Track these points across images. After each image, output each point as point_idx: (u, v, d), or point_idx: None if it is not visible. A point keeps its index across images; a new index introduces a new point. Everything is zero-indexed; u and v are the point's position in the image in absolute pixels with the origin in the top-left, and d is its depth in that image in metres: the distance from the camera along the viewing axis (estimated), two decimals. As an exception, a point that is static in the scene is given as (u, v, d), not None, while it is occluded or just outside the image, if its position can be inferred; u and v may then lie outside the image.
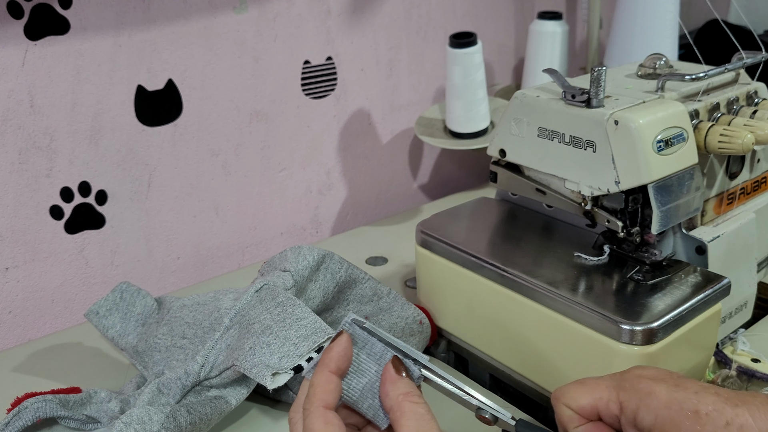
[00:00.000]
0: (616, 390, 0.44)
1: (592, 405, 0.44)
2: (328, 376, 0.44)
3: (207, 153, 0.89)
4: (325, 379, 0.44)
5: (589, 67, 1.18)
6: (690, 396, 0.41)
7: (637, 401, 0.42)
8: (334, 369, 0.44)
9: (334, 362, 0.44)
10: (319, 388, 0.43)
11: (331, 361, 0.44)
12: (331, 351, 0.45)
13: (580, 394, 0.44)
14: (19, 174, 0.76)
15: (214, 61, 0.86)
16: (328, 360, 0.44)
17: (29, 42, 0.73)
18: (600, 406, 0.44)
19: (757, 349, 0.66)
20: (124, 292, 0.69)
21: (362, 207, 1.09)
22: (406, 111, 1.08)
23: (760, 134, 0.60)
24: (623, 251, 0.62)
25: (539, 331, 0.59)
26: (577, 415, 0.45)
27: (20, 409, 0.56)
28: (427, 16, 1.06)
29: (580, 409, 0.45)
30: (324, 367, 0.44)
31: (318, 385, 0.43)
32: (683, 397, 0.41)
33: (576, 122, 0.60)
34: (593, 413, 0.44)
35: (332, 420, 0.42)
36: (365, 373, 0.46)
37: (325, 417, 0.42)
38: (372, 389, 0.45)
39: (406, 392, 0.43)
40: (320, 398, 0.43)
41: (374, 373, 0.46)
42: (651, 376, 0.43)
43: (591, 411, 0.44)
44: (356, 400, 0.46)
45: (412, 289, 0.81)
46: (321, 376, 0.44)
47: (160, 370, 0.62)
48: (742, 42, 0.70)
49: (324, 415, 0.42)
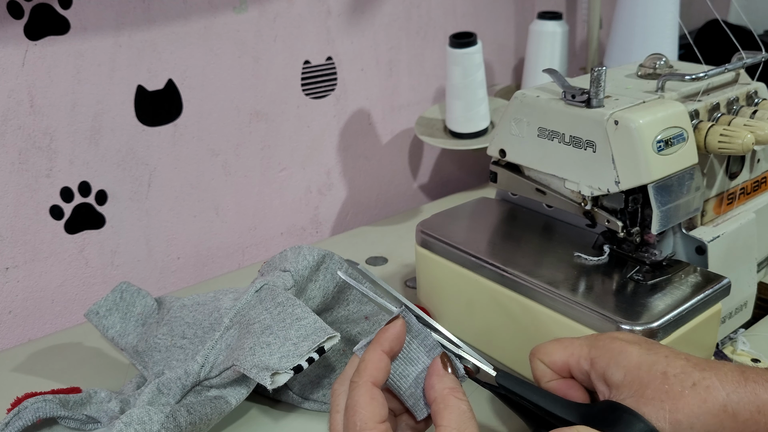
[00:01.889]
0: (588, 347, 0.46)
1: (564, 361, 0.46)
2: (381, 354, 0.45)
3: (207, 153, 0.89)
4: (377, 356, 0.44)
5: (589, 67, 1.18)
6: (660, 359, 0.43)
7: (608, 359, 0.44)
8: (387, 349, 0.45)
9: (388, 342, 0.45)
10: (371, 364, 0.44)
11: (385, 341, 0.45)
12: (386, 332, 0.45)
13: (555, 350, 0.47)
14: (19, 174, 0.76)
15: (214, 61, 0.86)
16: (383, 339, 0.45)
17: (29, 42, 0.73)
18: (572, 362, 0.46)
19: (757, 349, 0.66)
20: (124, 292, 0.69)
21: (362, 207, 1.09)
22: (406, 111, 1.08)
23: (760, 134, 0.60)
24: (623, 251, 0.62)
25: (539, 331, 0.59)
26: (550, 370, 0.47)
27: (20, 409, 0.56)
28: (427, 16, 1.06)
29: (553, 364, 0.47)
30: (378, 345, 0.45)
31: (370, 361, 0.44)
32: (654, 360, 0.43)
33: (576, 122, 0.60)
34: (565, 369, 0.47)
35: (377, 396, 0.43)
36: (414, 362, 0.47)
37: (371, 392, 0.43)
38: (418, 379, 0.46)
39: (452, 387, 0.44)
40: (370, 374, 0.44)
41: (422, 363, 0.47)
42: (625, 338, 0.46)
43: (563, 366, 0.47)
44: (400, 385, 0.46)
45: (412, 289, 0.81)
46: (374, 353, 0.45)
47: (160, 370, 0.62)
48: (742, 42, 0.70)
49: (371, 391, 0.43)
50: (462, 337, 0.68)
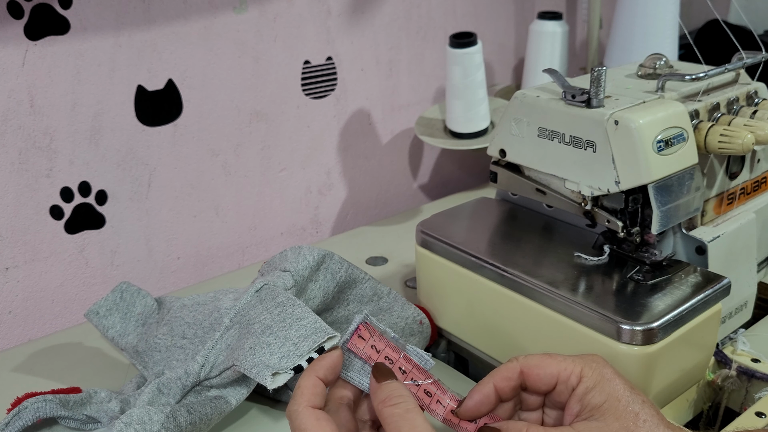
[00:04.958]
0: (580, 366, 0.47)
1: (555, 374, 0.47)
2: (316, 380, 0.46)
3: (207, 153, 0.89)
4: (312, 382, 0.46)
5: (589, 67, 1.18)
6: (637, 401, 0.46)
7: (596, 381, 0.46)
8: (322, 376, 0.47)
9: (323, 371, 0.47)
10: (306, 390, 0.46)
11: (320, 369, 0.47)
12: (322, 360, 0.48)
13: (549, 363, 0.48)
14: (19, 174, 0.76)
15: (214, 61, 0.86)
16: (318, 367, 0.47)
17: (29, 42, 0.73)
18: (562, 376, 0.47)
19: (757, 349, 0.66)
20: (124, 292, 0.69)
21: (362, 207, 1.09)
22: (406, 111, 1.08)
23: (760, 134, 0.60)
24: (623, 251, 0.62)
25: (539, 331, 0.59)
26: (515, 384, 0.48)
27: (20, 409, 0.56)
28: (427, 16, 1.06)
29: (542, 377, 0.47)
30: (312, 371, 0.47)
31: (305, 387, 0.46)
32: (632, 399, 0.46)
33: (576, 122, 0.60)
34: (551, 382, 0.47)
35: (322, 417, 0.44)
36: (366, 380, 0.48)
37: (315, 415, 0.44)
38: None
39: (383, 399, 0.45)
40: (307, 399, 0.45)
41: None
42: (612, 369, 0.48)
43: (549, 380, 0.47)
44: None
45: (412, 289, 0.81)
46: (308, 379, 0.46)
47: (160, 370, 0.62)
48: (742, 42, 0.70)
49: (313, 413, 0.44)
50: (462, 337, 0.68)
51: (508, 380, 0.48)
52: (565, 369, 0.47)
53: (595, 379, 0.46)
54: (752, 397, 0.63)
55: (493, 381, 0.48)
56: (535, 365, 0.48)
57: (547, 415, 0.49)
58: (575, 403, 0.46)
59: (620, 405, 0.45)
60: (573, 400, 0.47)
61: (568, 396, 0.47)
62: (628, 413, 0.45)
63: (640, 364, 0.53)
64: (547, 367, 0.47)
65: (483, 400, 0.47)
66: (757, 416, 0.57)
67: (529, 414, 0.50)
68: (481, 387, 0.48)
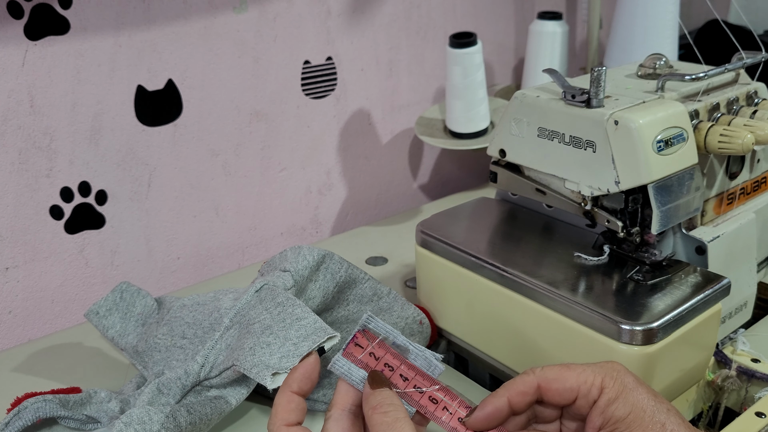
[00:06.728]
0: (600, 376, 0.45)
1: (574, 388, 0.45)
2: (290, 396, 0.46)
3: (207, 153, 0.89)
4: (286, 399, 0.46)
5: (589, 67, 1.18)
6: (663, 410, 0.44)
7: (619, 391, 0.44)
8: (296, 389, 0.46)
9: (296, 383, 0.47)
10: (280, 407, 0.45)
11: (294, 382, 0.47)
12: (295, 372, 0.47)
13: (567, 376, 0.45)
14: (19, 174, 0.76)
15: (214, 61, 0.86)
16: (291, 381, 0.47)
17: (29, 42, 0.73)
18: (583, 389, 0.45)
19: (757, 349, 0.66)
20: (124, 292, 0.69)
21: (362, 207, 1.09)
22: (406, 111, 1.08)
23: (760, 134, 0.60)
24: (623, 251, 0.62)
25: (539, 331, 0.59)
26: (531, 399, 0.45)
27: (20, 409, 0.56)
28: (427, 16, 1.06)
29: (561, 391, 0.45)
30: (287, 387, 0.46)
31: (279, 405, 0.46)
32: (658, 408, 0.43)
33: (576, 122, 0.60)
34: (571, 396, 0.45)
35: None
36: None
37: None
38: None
39: (374, 406, 0.44)
40: (281, 418, 0.45)
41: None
42: (634, 376, 0.45)
43: (569, 395, 0.45)
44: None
45: (412, 289, 0.81)
46: (282, 396, 0.46)
47: (160, 370, 0.62)
48: (742, 42, 0.70)
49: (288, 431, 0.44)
50: (462, 337, 0.68)
51: (524, 395, 0.45)
52: (585, 381, 0.44)
53: (617, 390, 0.44)
54: (752, 397, 0.63)
55: (507, 395, 0.45)
56: (553, 379, 0.45)
57: (565, 426, 0.47)
58: (597, 416, 0.44)
59: (646, 416, 0.43)
60: (594, 413, 0.44)
61: (588, 409, 0.45)
62: (655, 424, 0.43)
63: (640, 364, 0.53)
64: (566, 381, 0.45)
65: (494, 413, 0.45)
66: (757, 416, 0.57)
67: (545, 426, 0.47)
68: (494, 399, 0.45)
